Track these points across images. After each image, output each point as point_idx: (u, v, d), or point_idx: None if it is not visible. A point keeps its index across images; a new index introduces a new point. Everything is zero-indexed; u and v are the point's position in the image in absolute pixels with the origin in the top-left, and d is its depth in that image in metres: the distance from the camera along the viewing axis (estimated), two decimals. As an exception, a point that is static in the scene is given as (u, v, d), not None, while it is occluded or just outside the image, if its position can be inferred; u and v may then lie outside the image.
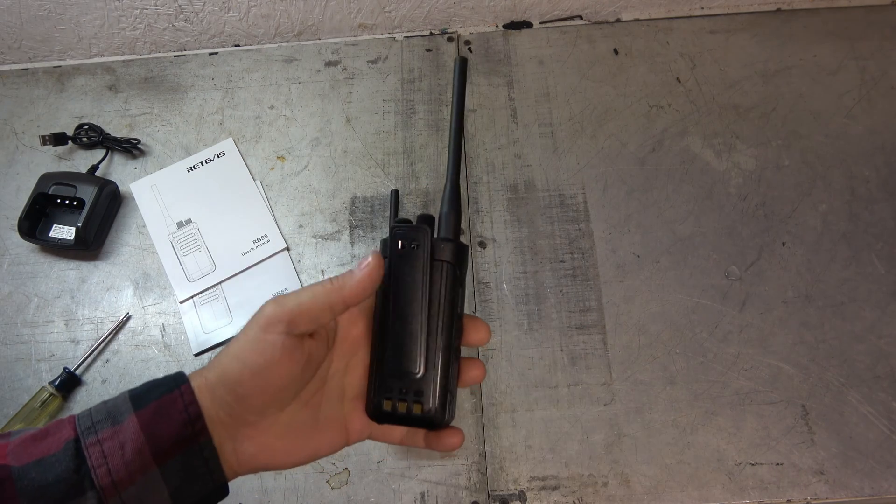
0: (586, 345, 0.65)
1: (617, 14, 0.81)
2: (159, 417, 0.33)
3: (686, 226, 0.70)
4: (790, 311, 0.65)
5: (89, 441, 0.32)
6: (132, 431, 0.32)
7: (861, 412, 0.61)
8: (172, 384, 0.34)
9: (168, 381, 0.35)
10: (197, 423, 0.33)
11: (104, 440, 0.32)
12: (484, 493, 0.60)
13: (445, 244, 0.37)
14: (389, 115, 0.77)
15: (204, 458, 0.33)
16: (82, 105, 0.80)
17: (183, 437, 0.33)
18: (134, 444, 0.32)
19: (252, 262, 0.71)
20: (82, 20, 0.79)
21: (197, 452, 0.33)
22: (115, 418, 0.33)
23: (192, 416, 0.33)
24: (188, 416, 0.33)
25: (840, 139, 0.72)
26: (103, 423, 0.33)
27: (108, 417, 0.33)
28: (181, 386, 0.34)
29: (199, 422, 0.33)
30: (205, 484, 0.34)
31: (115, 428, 0.33)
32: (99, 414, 0.34)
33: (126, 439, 0.32)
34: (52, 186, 0.71)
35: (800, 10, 0.80)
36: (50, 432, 0.33)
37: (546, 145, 0.74)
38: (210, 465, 0.34)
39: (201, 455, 0.33)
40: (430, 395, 0.36)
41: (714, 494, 0.59)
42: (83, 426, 0.33)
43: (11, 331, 0.69)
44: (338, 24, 0.81)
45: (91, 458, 0.32)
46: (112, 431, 0.33)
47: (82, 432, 0.33)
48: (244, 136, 0.77)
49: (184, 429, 0.33)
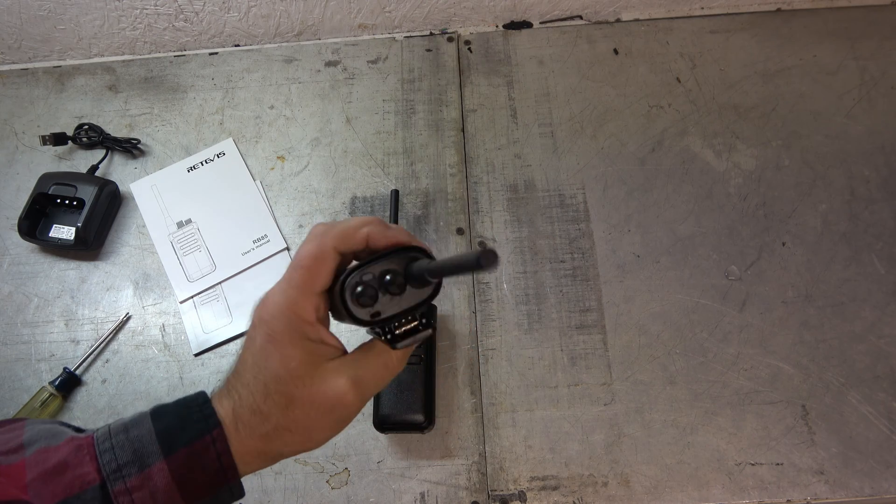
0: (586, 345, 0.65)
1: (617, 14, 0.81)
2: (192, 464, 0.32)
3: (686, 226, 0.69)
4: (790, 311, 0.65)
5: (117, 489, 0.31)
6: (163, 481, 0.32)
7: (861, 412, 0.61)
8: (203, 427, 0.33)
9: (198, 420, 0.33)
10: (229, 472, 0.33)
11: (133, 489, 0.31)
12: (484, 493, 0.60)
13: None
14: (389, 115, 0.77)
15: (231, 492, 0.34)
16: (82, 105, 0.80)
17: (214, 483, 0.33)
18: (165, 493, 0.32)
19: (252, 262, 0.71)
20: (82, 20, 0.79)
21: (226, 491, 0.34)
22: (143, 461, 0.32)
23: (224, 465, 0.33)
24: (221, 465, 0.33)
25: (840, 139, 0.72)
26: (130, 466, 0.32)
27: (134, 460, 0.32)
28: (213, 431, 0.33)
29: (231, 470, 0.33)
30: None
31: (143, 474, 0.32)
32: (124, 453, 0.32)
33: (157, 489, 0.31)
34: (52, 186, 0.71)
35: (800, 10, 0.80)
36: (69, 466, 0.32)
37: (546, 145, 0.74)
38: (235, 494, 0.34)
39: (230, 492, 0.34)
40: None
41: (714, 494, 0.59)
42: (108, 468, 0.32)
43: (11, 331, 0.69)
44: (338, 24, 0.81)
45: None
46: (141, 479, 0.31)
47: (108, 475, 0.32)
48: (244, 136, 0.77)
49: (216, 477, 0.33)
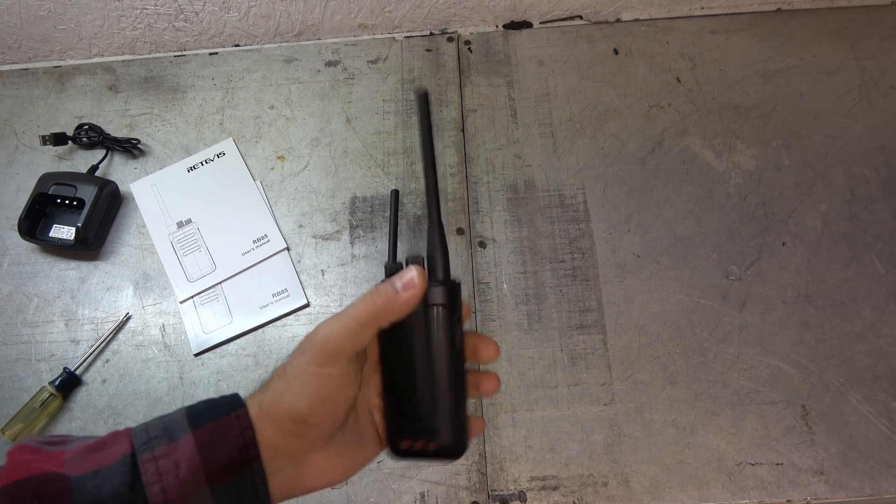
0: (586, 345, 0.65)
1: (617, 14, 0.81)
2: (216, 438, 0.33)
3: (686, 226, 0.70)
4: (790, 311, 0.65)
5: (145, 457, 0.32)
6: (188, 451, 0.33)
7: (861, 412, 0.61)
8: (229, 407, 0.35)
9: (225, 404, 0.35)
10: (251, 449, 0.34)
11: (160, 457, 0.32)
12: (484, 493, 0.60)
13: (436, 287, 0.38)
14: (389, 115, 0.77)
15: (254, 483, 0.34)
16: (82, 105, 0.80)
17: (236, 461, 0.33)
18: (189, 464, 0.32)
19: (252, 262, 0.71)
20: (82, 20, 0.79)
21: (248, 477, 0.34)
22: (172, 435, 0.33)
23: (247, 441, 0.34)
24: (243, 440, 0.34)
25: (840, 139, 0.72)
26: (159, 438, 0.33)
27: (164, 433, 0.33)
28: (238, 410, 0.34)
29: (253, 447, 0.34)
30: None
31: (171, 445, 0.33)
32: (156, 429, 0.34)
33: (181, 458, 0.32)
34: (52, 186, 0.71)
35: (800, 10, 0.80)
36: (107, 444, 0.34)
37: (546, 145, 0.74)
38: (259, 490, 0.34)
39: (252, 480, 0.34)
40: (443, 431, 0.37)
41: (714, 494, 0.59)
42: (139, 440, 0.33)
43: (11, 331, 0.69)
44: (338, 24, 0.81)
45: (146, 475, 0.32)
46: (168, 449, 0.33)
47: (138, 447, 0.33)
48: (244, 136, 0.77)
49: (238, 453, 0.33)
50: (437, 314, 0.37)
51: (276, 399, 0.35)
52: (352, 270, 0.70)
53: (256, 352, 0.67)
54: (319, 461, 0.36)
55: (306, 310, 0.69)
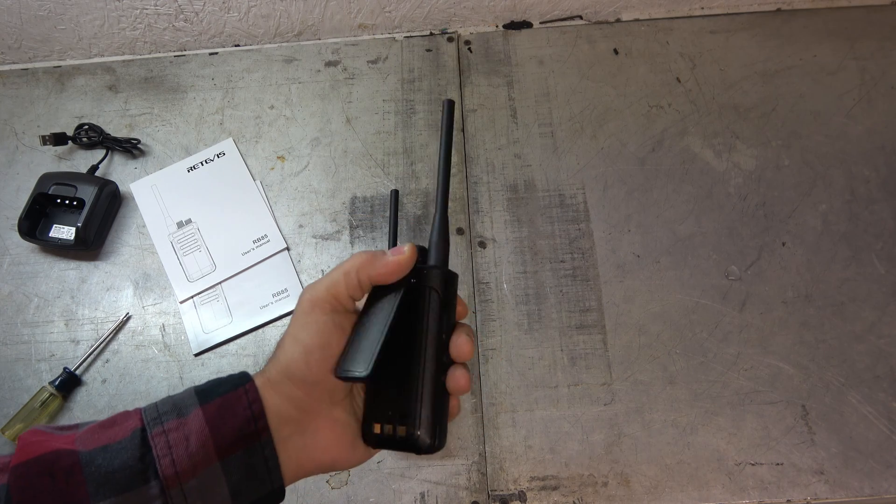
0: (586, 345, 0.65)
1: (617, 14, 0.81)
2: (224, 412, 0.34)
3: (686, 226, 0.70)
4: (790, 311, 0.65)
5: (155, 431, 0.33)
6: (197, 424, 0.33)
7: (861, 412, 0.61)
8: (238, 381, 0.36)
9: (233, 379, 0.36)
10: (260, 421, 0.34)
11: (169, 431, 0.33)
12: (484, 493, 0.60)
13: (432, 271, 0.39)
14: (389, 115, 0.77)
15: (264, 456, 0.34)
16: (82, 105, 0.80)
17: (246, 433, 0.34)
18: (198, 436, 0.33)
19: (252, 262, 0.71)
20: (82, 20, 0.79)
21: (258, 450, 0.34)
22: (181, 411, 0.34)
23: (255, 413, 0.34)
24: (252, 412, 0.34)
25: (840, 139, 0.72)
26: (169, 414, 0.34)
27: (173, 409, 0.34)
28: (246, 384, 0.35)
29: (262, 420, 0.34)
30: (262, 483, 0.35)
31: (180, 420, 0.33)
32: (165, 406, 0.34)
33: (191, 431, 0.33)
34: (52, 186, 0.71)
35: (800, 10, 0.80)
36: (117, 421, 0.34)
37: (546, 145, 0.74)
38: (269, 464, 0.34)
39: (262, 453, 0.34)
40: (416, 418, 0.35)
41: (714, 494, 0.59)
42: (149, 416, 0.34)
43: (11, 331, 0.69)
44: (338, 24, 0.81)
45: (156, 448, 0.32)
46: (178, 423, 0.33)
47: (148, 422, 0.33)
48: (244, 136, 0.77)
49: (247, 425, 0.34)
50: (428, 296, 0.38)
51: (274, 363, 0.36)
52: (352, 270, 0.70)
53: (256, 352, 0.67)
54: (326, 431, 0.37)
55: (306, 310, 0.69)
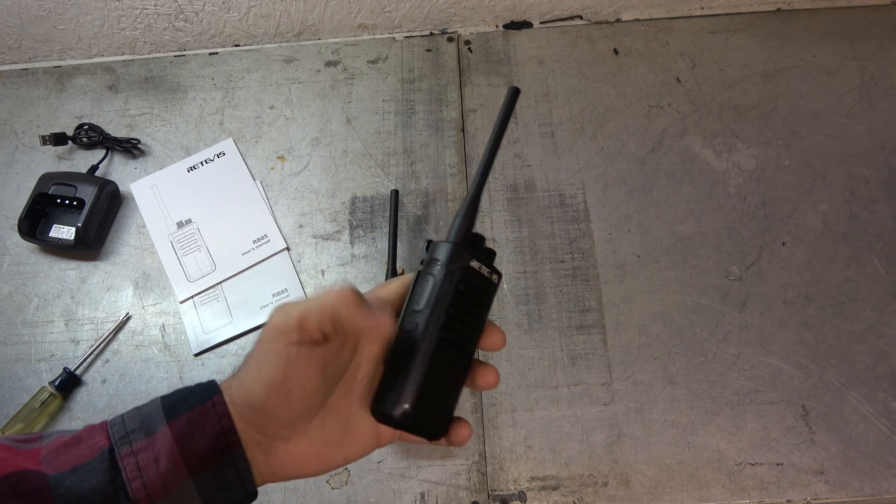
0: (586, 345, 0.65)
1: (617, 14, 0.81)
2: (193, 428, 0.33)
3: (686, 226, 0.70)
4: (790, 311, 0.65)
5: (123, 452, 0.32)
6: (166, 444, 0.32)
7: (861, 412, 0.61)
8: (205, 394, 0.34)
9: (200, 391, 0.34)
10: (231, 437, 0.33)
11: (138, 451, 0.32)
12: (484, 493, 0.60)
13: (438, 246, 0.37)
14: (389, 115, 0.77)
15: (237, 468, 0.33)
16: (82, 105, 0.80)
17: (216, 449, 0.33)
18: (168, 456, 0.32)
19: (252, 262, 0.71)
20: (82, 20, 0.79)
21: (230, 464, 0.33)
22: (149, 428, 0.33)
23: (225, 429, 0.33)
24: (221, 428, 0.33)
25: (840, 139, 0.72)
26: (137, 432, 0.33)
27: (141, 427, 0.33)
28: (213, 397, 0.34)
29: (233, 436, 0.33)
30: (236, 492, 0.34)
31: (149, 439, 0.33)
32: (132, 422, 0.33)
33: (160, 451, 0.32)
34: (52, 186, 0.71)
35: (800, 10, 0.80)
36: (83, 438, 0.33)
37: (546, 145, 0.74)
38: (242, 474, 0.34)
39: (234, 466, 0.33)
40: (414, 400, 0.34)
41: (714, 494, 0.59)
42: (116, 435, 0.33)
43: (11, 331, 0.69)
44: (338, 24, 0.81)
45: (126, 471, 0.32)
46: (146, 443, 0.32)
47: (116, 441, 0.33)
48: (244, 136, 0.77)
49: (217, 441, 0.33)
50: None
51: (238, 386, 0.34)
52: (352, 270, 0.70)
53: (256, 352, 0.67)
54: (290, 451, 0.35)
55: (306, 310, 0.69)
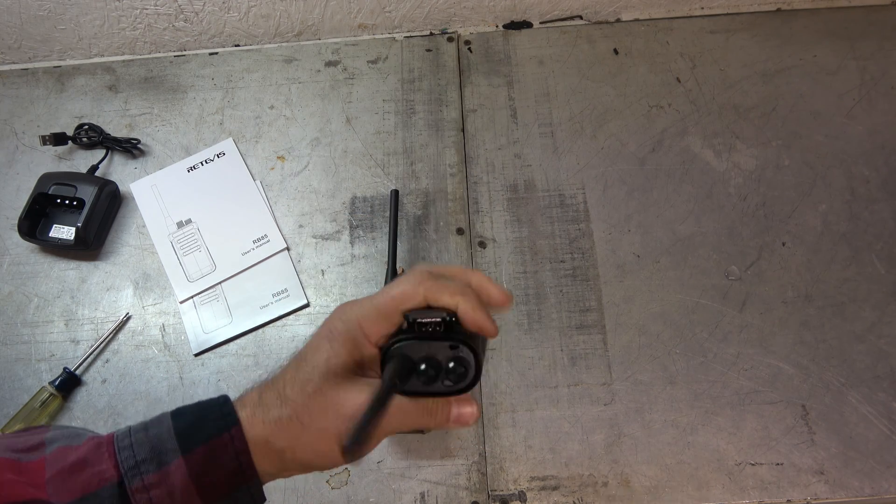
0: (586, 345, 0.65)
1: (617, 14, 0.81)
2: (209, 464, 0.32)
3: (686, 226, 0.69)
4: (790, 311, 0.65)
5: (135, 486, 0.31)
6: (180, 479, 0.31)
7: (861, 412, 0.61)
8: (221, 424, 0.33)
9: (216, 419, 0.33)
10: (248, 472, 0.33)
11: (151, 486, 0.31)
12: (484, 493, 0.60)
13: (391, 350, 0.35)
14: (389, 115, 0.77)
15: (251, 493, 0.33)
16: (82, 105, 0.80)
17: (232, 483, 0.33)
18: (183, 493, 0.31)
19: (252, 262, 0.71)
20: (82, 20, 0.79)
21: (245, 491, 0.33)
22: (161, 459, 0.32)
23: (243, 465, 0.33)
24: (239, 464, 0.33)
25: (840, 139, 0.72)
26: (148, 463, 0.32)
27: (152, 457, 0.32)
28: (231, 429, 0.33)
29: (250, 470, 0.33)
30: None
31: (161, 472, 0.31)
32: (142, 450, 0.32)
33: (174, 487, 0.31)
34: (52, 186, 0.71)
35: (800, 10, 0.80)
36: (88, 462, 0.32)
37: (546, 145, 0.74)
38: (255, 498, 0.34)
39: (248, 492, 0.33)
40: None
41: (714, 494, 0.59)
42: (126, 465, 0.32)
43: (11, 331, 0.69)
44: (338, 24, 0.81)
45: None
46: (159, 476, 0.31)
47: (126, 472, 0.31)
48: (244, 136, 0.77)
49: (234, 477, 0.33)
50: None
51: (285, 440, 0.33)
52: (352, 270, 0.70)
53: (256, 352, 0.67)
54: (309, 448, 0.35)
55: (306, 310, 0.69)
